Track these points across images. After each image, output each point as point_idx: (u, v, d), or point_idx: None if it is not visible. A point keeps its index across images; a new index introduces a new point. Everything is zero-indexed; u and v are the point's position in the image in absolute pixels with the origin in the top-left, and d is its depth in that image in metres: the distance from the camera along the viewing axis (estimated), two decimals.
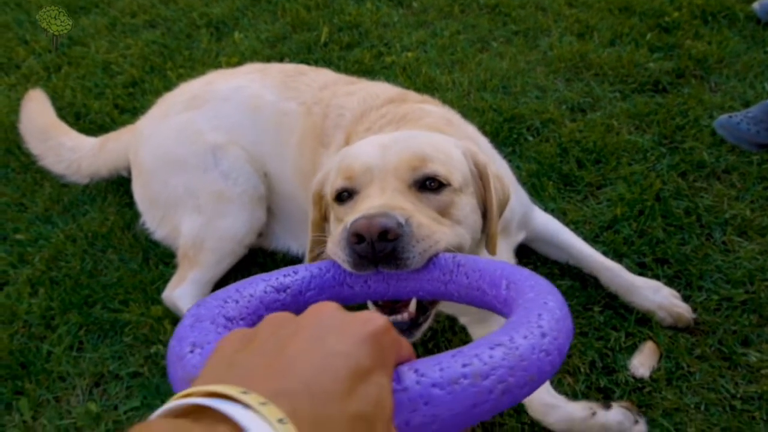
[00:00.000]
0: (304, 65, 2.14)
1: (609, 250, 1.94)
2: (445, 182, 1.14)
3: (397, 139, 1.21)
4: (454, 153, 1.23)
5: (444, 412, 0.53)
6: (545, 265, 1.95)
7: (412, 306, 1.07)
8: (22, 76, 3.25)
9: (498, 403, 0.55)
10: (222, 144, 1.92)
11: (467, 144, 1.32)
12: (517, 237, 1.80)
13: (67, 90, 3.02)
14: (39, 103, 2.50)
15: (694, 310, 1.74)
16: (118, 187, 2.41)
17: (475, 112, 2.55)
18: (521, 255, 1.93)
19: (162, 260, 2.13)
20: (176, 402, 0.44)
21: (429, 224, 1.02)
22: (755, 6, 2.92)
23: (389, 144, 1.19)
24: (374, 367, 0.49)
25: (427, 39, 3.14)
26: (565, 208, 2.11)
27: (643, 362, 1.65)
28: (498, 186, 1.28)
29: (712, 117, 2.39)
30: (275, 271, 0.89)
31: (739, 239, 1.94)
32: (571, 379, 1.65)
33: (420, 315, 1.08)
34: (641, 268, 1.90)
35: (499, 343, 0.59)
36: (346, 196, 1.17)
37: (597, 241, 1.98)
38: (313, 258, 1.34)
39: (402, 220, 0.98)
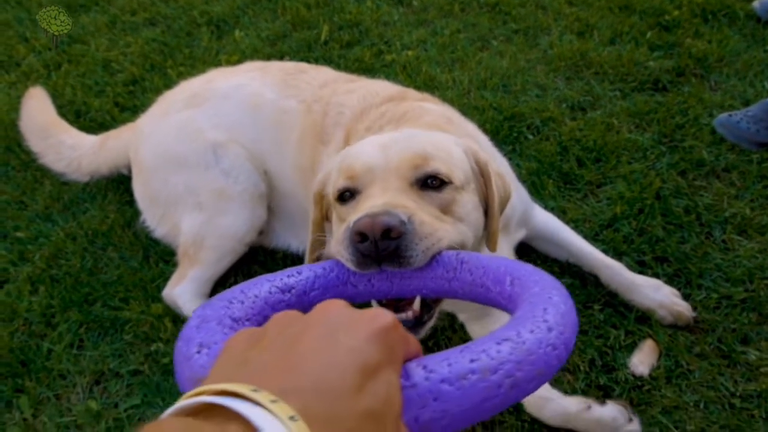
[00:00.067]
0: (305, 63, 2.13)
1: (609, 248, 1.94)
2: (446, 180, 1.14)
3: (398, 139, 1.22)
4: (455, 151, 1.23)
5: (453, 408, 0.53)
6: (545, 263, 1.95)
7: (417, 304, 1.07)
8: (23, 74, 3.24)
9: (507, 397, 0.55)
10: (222, 142, 1.92)
11: (468, 142, 1.33)
12: (517, 234, 1.80)
13: (68, 88, 3.02)
14: (39, 100, 2.50)
15: (694, 308, 1.75)
16: (118, 185, 2.42)
17: (476, 111, 2.55)
18: (521, 253, 1.93)
19: (162, 258, 2.14)
20: (187, 401, 0.44)
21: (431, 222, 1.02)
22: (755, 5, 2.92)
23: (390, 143, 1.19)
24: (383, 364, 0.49)
25: (428, 37, 3.14)
26: (565, 207, 2.11)
27: (642, 360, 1.65)
28: (499, 183, 1.28)
29: (711, 116, 2.39)
30: (279, 271, 0.89)
31: (739, 238, 1.95)
32: (570, 377, 1.65)
33: (424, 313, 1.09)
34: (641, 267, 1.90)
35: (506, 338, 0.59)
36: (348, 195, 1.17)
37: (597, 239, 1.98)
38: (314, 258, 1.34)
39: (404, 218, 0.98)
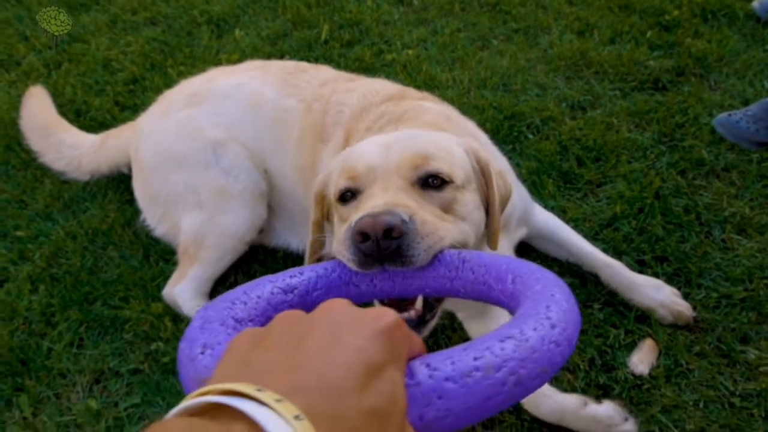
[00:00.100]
0: (305, 62, 2.14)
1: (609, 247, 1.94)
2: (447, 179, 1.14)
3: (398, 139, 1.22)
4: (455, 150, 1.23)
5: (457, 406, 0.52)
6: (545, 262, 1.95)
7: (419, 303, 1.07)
8: (23, 73, 3.25)
9: (510, 395, 0.55)
10: (222, 141, 1.93)
11: (468, 141, 1.33)
12: (517, 233, 1.80)
13: (68, 87, 3.02)
14: (40, 99, 2.50)
15: (694, 307, 1.75)
16: (118, 184, 2.42)
17: (476, 110, 2.55)
18: (521, 253, 1.93)
19: (162, 257, 2.14)
20: (192, 401, 0.44)
21: (433, 221, 1.02)
22: (755, 4, 2.92)
23: (391, 143, 1.19)
24: (387, 362, 0.48)
25: (428, 37, 3.14)
26: (565, 206, 2.12)
27: (642, 359, 1.65)
28: (500, 182, 1.28)
29: (711, 115, 2.39)
30: (281, 272, 0.89)
31: (738, 237, 1.95)
32: (570, 376, 1.65)
33: (427, 312, 1.09)
34: (641, 266, 1.90)
35: (510, 335, 0.59)
36: (349, 196, 1.17)
37: (597, 238, 1.99)
38: (314, 258, 1.34)
39: (406, 217, 0.98)
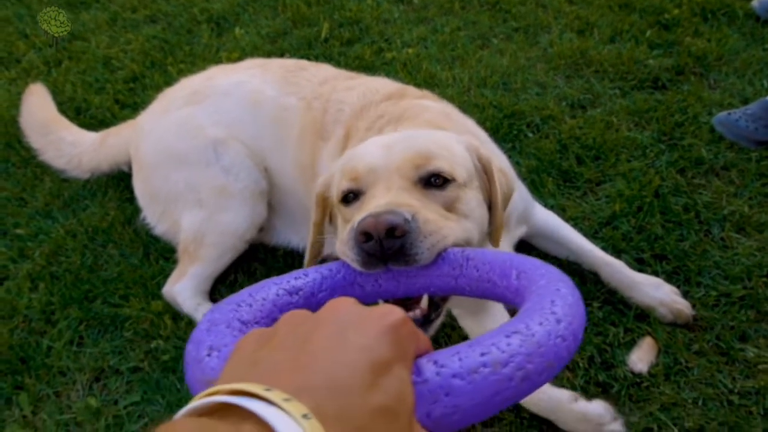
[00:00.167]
0: (305, 61, 2.14)
1: (608, 246, 1.95)
2: (449, 178, 1.14)
3: (399, 139, 1.22)
4: (456, 149, 1.24)
5: (465, 402, 0.52)
6: (545, 260, 1.94)
7: (424, 302, 1.07)
8: (23, 71, 3.24)
9: (518, 390, 0.55)
10: (223, 139, 1.93)
11: (469, 139, 1.34)
12: (517, 232, 1.80)
13: (68, 85, 3.02)
14: (40, 97, 2.50)
15: (693, 305, 1.75)
16: (118, 182, 2.42)
17: (476, 109, 2.55)
18: (521, 251, 1.93)
19: (162, 255, 2.14)
20: (200, 401, 0.44)
21: (436, 220, 1.02)
22: (754, 4, 2.92)
23: (392, 143, 1.20)
24: (394, 360, 0.48)
25: (428, 35, 3.14)
26: (565, 205, 2.12)
27: (641, 357, 1.65)
28: (502, 179, 1.29)
29: (711, 114, 2.39)
30: (286, 274, 0.89)
31: (737, 236, 1.95)
32: (570, 374, 1.66)
33: (432, 311, 1.09)
34: (640, 264, 1.90)
35: (515, 330, 0.58)
36: (352, 197, 1.18)
37: (596, 237, 1.99)
38: (313, 259, 1.34)
39: (408, 216, 0.98)
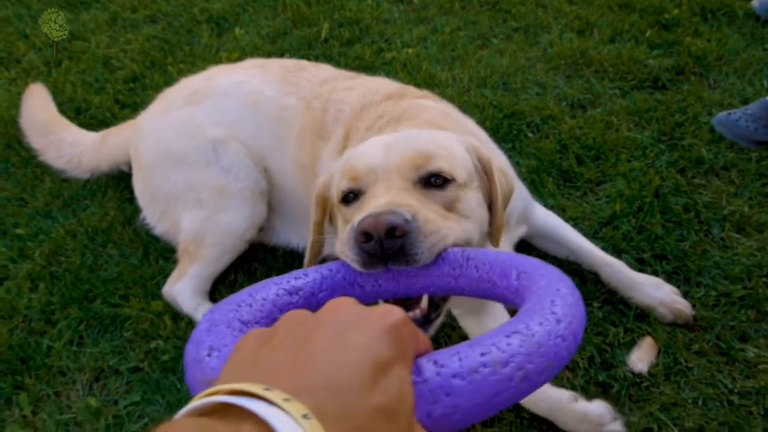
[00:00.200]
0: (305, 61, 2.14)
1: (608, 246, 1.95)
2: (449, 178, 1.14)
3: (399, 139, 1.22)
4: (456, 149, 1.24)
5: (465, 402, 0.52)
6: (545, 260, 1.95)
7: (424, 302, 1.07)
8: (23, 71, 3.24)
9: (518, 390, 0.55)
10: (222, 139, 1.93)
11: (469, 139, 1.34)
12: (517, 232, 1.80)
13: (68, 85, 3.02)
14: (40, 97, 2.50)
15: (693, 305, 1.75)
16: (118, 182, 2.42)
17: (476, 109, 2.55)
18: (521, 251, 1.93)
19: (162, 255, 2.14)
20: (200, 401, 0.44)
21: (436, 220, 1.02)
22: (754, 4, 2.92)
23: (392, 143, 1.20)
24: (394, 360, 0.48)
25: (428, 35, 3.14)
26: (565, 205, 2.12)
27: (641, 357, 1.65)
28: (502, 179, 1.29)
29: (711, 114, 2.39)
30: (286, 274, 0.89)
31: (737, 235, 1.95)
32: (569, 373, 1.66)
33: (432, 311, 1.09)
34: (640, 264, 1.90)
35: (515, 330, 0.58)
36: (352, 197, 1.18)
37: (596, 237, 1.99)
38: (313, 259, 1.34)
39: (408, 216, 0.98)
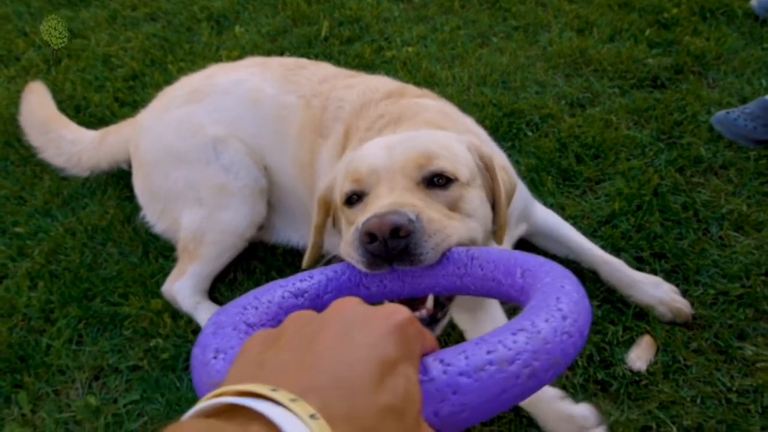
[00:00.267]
0: (305, 59, 2.14)
1: (607, 244, 1.95)
2: (452, 177, 1.14)
3: (401, 140, 1.23)
4: (458, 148, 1.24)
5: (473, 400, 0.52)
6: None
7: (430, 302, 1.07)
8: (22, 69, 3.24)
9: (525, 388, 0.55)
10: (222, 137, 1.93)
11: (470, 138, 1.34)
12: (516, 230, 1.81)
13: (68, 83, 3.02)
14: (39, 95, 2.50)
15: (692, 304, 1.75)
16: (118, 180, 2.42)
17: (475, 107, 2.56)
18: (520, 250, 1.94)
19: (162, 254, 2.14)
20: (207, 402, 0.44)
21: (440, 219, 1.03)
22: (753, 3, 2.92)
23: (394, 144, 1.20)
24: (401, 359, 0.49)
25: (428, 34, 3.14)
26: (564, 203, 2.12)
27: (640, 356, 1.66)
28: (504, 177, 1.30)
29: (709, 113, 2.39)
30: (291, 276, 0.90)
31: (736, 234, 1.95)
32: (569, 372, 1.66)
33: (438, 311, 1.09)
34: (639, 263, 1.90)
35: (521, 327, 0.58)
36: (355, 199, 1.18)
37: (595, 235, 1.99)
38: (313, 260, 1.35)
39: (412, 216, 0.98)
